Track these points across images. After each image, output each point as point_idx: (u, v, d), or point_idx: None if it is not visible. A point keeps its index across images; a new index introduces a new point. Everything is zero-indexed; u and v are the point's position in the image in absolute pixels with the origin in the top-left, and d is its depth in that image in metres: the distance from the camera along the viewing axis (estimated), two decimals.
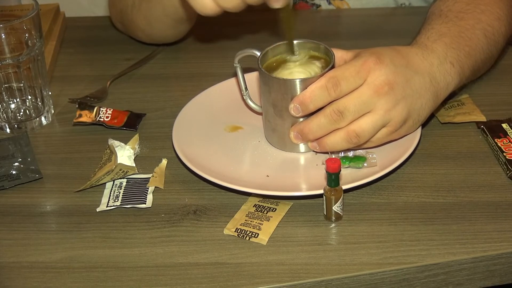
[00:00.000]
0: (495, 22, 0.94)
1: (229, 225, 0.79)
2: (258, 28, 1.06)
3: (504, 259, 0.75)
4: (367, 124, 0.80)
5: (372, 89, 0.79)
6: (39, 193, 0.87)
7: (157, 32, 1.12)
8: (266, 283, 0.72)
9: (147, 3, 1.06)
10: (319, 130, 0.81)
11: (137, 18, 1.10)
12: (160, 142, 0.93)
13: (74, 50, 1.19)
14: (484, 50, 0.92)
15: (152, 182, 0.85)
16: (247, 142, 0.91)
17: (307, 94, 0.81)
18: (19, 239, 0.79)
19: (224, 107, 0.97)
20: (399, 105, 0.80)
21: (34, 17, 0.93)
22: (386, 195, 0.82)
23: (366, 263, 0.74)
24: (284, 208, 0.81)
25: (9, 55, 0.93)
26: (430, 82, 0.84)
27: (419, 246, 0.75)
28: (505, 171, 0.84)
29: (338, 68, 0.81)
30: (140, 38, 1.15)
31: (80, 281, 0.73)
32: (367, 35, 1.18)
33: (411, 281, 0.74)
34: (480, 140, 0.91)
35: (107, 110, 0.98)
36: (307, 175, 0.85)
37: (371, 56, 0.80)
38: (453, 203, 0.81)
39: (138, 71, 1.11)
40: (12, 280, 0.74)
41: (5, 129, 0.98)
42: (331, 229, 0.78)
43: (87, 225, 0.81)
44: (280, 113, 0.85)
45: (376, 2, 1.27)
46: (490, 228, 0.77)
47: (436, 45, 0.87)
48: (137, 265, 0.75)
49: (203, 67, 1.11)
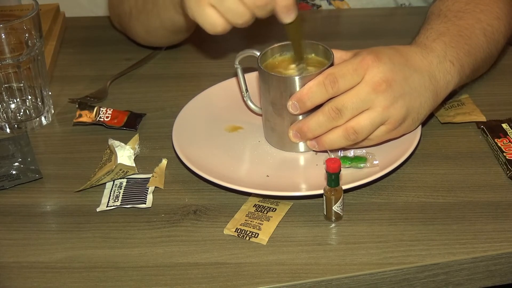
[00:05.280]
0: (494, 21, 0.94)
1: (229, 225, 0.79)
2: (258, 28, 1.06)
3: (504, 259, 0.75)
4: (365, 121, 0.80)
5: (370, 86, 0.79)
6: (39, 193, 0.87)
7: (154, 40, 1.12)
8: (266, 283, 0.72)
9: (145, 15, 1.06)
10: (317, 128, 0.81)
11: (135, 26, 1.10)
12: (160, 142, 0.93)
13: (74, 50, 1.19)
14: (484, 49, 0.92)
15: (152, 182, 0.85)
16: (247, 142, 0.91)
17: (304, 91, 0.81)
18: (19, 239, 0.79)
19: (224, 107, 0.97)
20: (397, 103, 0.80)
21: (34, 17, 0.93)
22: (386, 195, 0.82)
23: (366, 263, 0.74)
24: (284, 208, 0.81)
25: (9, 55, 0.93)
26: (429, 80, 0.84)
27: (419, 246, 0.75)
28: (505, 171, 0.84)
29: (336, 65, 0.81)
30: (138, 42, 1.15)
31: (80, 281, 0.73)
32: (367, 35, 1.18)
33: (411, 281, 0.74)
34: (480, 140, 0.91)
35: (107, 110, 0.98)
36: (307, 175, 0.85)
37: (369, 54, 0.80)
38: (453, 203, 0.81)
39: (138, 71, 1.11)
40: (12, 280, 0.74)
41: (5, 129, 0.98)
42: (331, 229, 0.78)
43: (87, 225, 0.81)
44: (279, 112, 0.85)
45: (376, 3, 1.27)
46: (490, 228, 0.77)
47: (435, 44, 0.87)
48: (137, 265, 0.75)
49: (203, 67, 1.11)
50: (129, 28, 1.13)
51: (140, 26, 1.09)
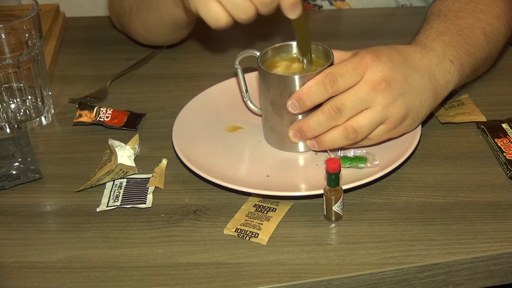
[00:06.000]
0: (494, 20, 0.94)
1: (229, 225, 0.79)
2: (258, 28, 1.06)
3: (504, 259, 0.75)
4: (365, 120, 0.80)
5: (369, 85, 0.79)
6: (39, 193, 0.87)
7: (154, 37, 1.12)
8: (266, 283, 0.72)
9: (144, 11, 1.06)
10: (317, 127, 0.81)
11: (134, 23, 1.10)
12: (160, 142, 0.93)
13: (74, 50, 1.20)
14: (484, 48, 0.92)
15: (152, 182, 0.85)
16: (247, 142, 0.91)
17: (304, 91, 0.81)
18: (19, 239, 0.79)
19: (224, 107, 0.97)
20: (397, 102, 0.80)
21: (34, 17, 0.93)
22: (386, 195, 0.82)
23: (366, 263, 0.74)
24: (284, 208, 0.81)
25: (9, 55, 0.93)
26: (429, 79, 0.84)
27: (419, 246, 0.75)
28: (505, 171, 0.84)
29: (336, 65, 0.81)
30: (138, 41, 1.15)
31: (80, 281, 0.73)
32: (368, 35, 1.18)
33: (411, 281, 0.74)
34: (480, 140, 0.90)
35: (107, 110, 0.98)
36: (307, 175, 0.85)
37: (368, 53, 0.80)
38: (453, 203, 0.81)
39: (138, 71, 1.11)
40: (12, 280, 0.74)
41: (5, 129, 0.98)
42: (331, 229, 0.78)
43: (87, 225, 0.81)
44: (279, 111, 0.85)
45: (377, 3, 1.27)
46: (490, 228, 0.77)
47: (434, 43, 0.87)
48: (137, 265, 0.75)
49: (203, 67, 1.11)
50: (129, 26, 1.13)
51: (139, 23, 1.09)
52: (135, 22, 1.10)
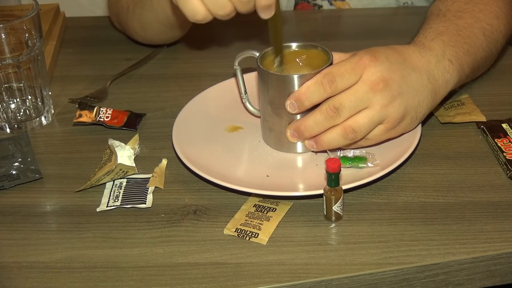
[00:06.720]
0: (493, 20, 0.94)
1: (229, 225, 0.79)
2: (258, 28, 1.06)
3: (504, 259, 0.75)
4: (363, 119, 0.80)
5: (367, 85, 0.79)
6: (39, 193, 0.87)
7: (150, 36, 1.12)
8: (266, 283, 0.72)
9: (140, 8, 1.07)
10: (315, 127, 0.82)
11: (131, 22, 1.11)
12: (160, 142, 0.93)
13: (74, 50, 1.20)
14: (483, 48, 0.92)
15: (152, 182, 0.85)
16: (247, 142, 0.91)
17: (302, 91, 0.81)
18: (19, 239, 0.79)
19: (224, 107, 0.97)
20: (395, 101, 0.81)
21: (34, 17, 0.93)
22: (386, 195, 0.82)
23: (366, 263, 0.74)
24: (284, 208, 0.81)
25: (9, 55, 0.93)
26: (427, 79, 0.84)
27: (419, 246, 0.75)
28: (505, 171, 0.84)
29: (334, 65, 0.81)
30: (137, 40, 1.16)
31: (80, 281, 0.73)
32: (368, 35, 1.18)
33: (411, 281, 0.74)
34: (480, 140, 0.91)
35: (107, 110, 0.98)
36: (307, 175, 0.85)
37: (367, 54, 0.81)
38: (453, 203, 0.81)
39: (138, 71, 1.11)
40: (12, 280, 0.74)
41: (5, 129, 0.98)
42: (331, 229, 0.78)
43: (87, 225, 0.81)
44: (277, 111, 0.85)
45: (378, 3, 1.27)
46: (490, 228, 0.77)
47: (433, 43, 0.87)
48: (137, 265, 0.75)
49: (203, 67, 1.11)
50: (127, 25, 1.13)
51: (136, 21, 1.10)
52: (133, 20, 1.10)
